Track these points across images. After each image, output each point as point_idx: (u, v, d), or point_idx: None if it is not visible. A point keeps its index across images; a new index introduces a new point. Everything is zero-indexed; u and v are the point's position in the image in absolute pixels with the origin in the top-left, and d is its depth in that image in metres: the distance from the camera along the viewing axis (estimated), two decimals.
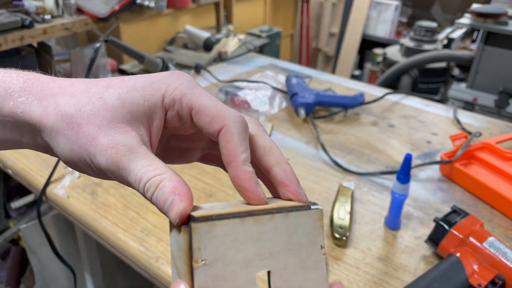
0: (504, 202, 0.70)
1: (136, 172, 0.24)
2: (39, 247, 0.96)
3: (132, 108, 0.26)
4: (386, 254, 0.62)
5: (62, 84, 0.27)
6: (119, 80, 0.27)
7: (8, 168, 0.82)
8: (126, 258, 0.63)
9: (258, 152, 0.28)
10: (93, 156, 0.25)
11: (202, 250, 0.21)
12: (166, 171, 0.24)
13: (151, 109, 0.26)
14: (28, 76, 0.27)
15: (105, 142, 0.25)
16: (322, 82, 1.24)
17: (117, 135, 0.25)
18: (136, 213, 0.69)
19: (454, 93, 2.09)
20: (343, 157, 0.86)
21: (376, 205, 0.72)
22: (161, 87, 0.26)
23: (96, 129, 0.25)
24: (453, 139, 0.82)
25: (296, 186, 0.27)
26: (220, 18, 2.37)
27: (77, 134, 0.25)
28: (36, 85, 0.27)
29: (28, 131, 0.27)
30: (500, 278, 0.52)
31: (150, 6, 1.79)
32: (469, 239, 0.57)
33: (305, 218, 0.25)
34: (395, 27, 3.12)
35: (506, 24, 1.88)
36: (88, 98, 0.26)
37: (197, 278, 0.21)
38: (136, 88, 0.26)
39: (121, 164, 0.25)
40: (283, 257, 0.23)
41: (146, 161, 0.25)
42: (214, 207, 0.24)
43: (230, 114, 0.25)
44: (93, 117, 0.25)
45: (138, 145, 0.25)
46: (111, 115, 0.25)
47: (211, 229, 0.22)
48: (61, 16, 1.62)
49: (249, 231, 0.23)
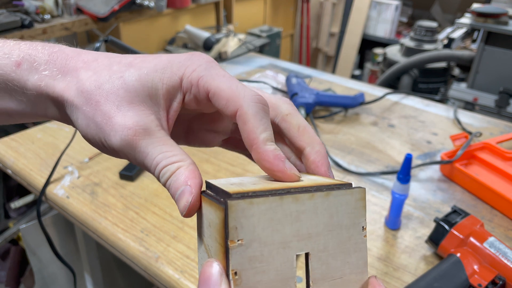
0: (504, 202, 0.70)
1: (154, 156, 0.24)
2: (39, 247, 0.96)
3: (152, 91, 0.26)
4: (386, 254, 0.62)
5: (86, 58, 0.27)
6: (141, 59, 0.27)
7: (8, 168, 0.82)
8: (126, 258, 0.63)
9: (292, 132, 0.27)
10: (107, 135, 0.25)
11: (238, 229, 0.20)
12: (184, 159, 0.24)
13: (169, 92, 0.26)
14: (53, 49, 0.27)
15: (122, 123, 0.25)
16: (322, 82, 1.24)
17: (135, 117, 0.25)
18: (136, 213, 0.68)
19: (454, 93, 2.08)
20: (343, 157, 0.86)
21: (376, 205, 0.72)
22: (180, 70, 0.26)
23: (114, 109, 0.25)
24: (454, 139, 0.82)
25: (326, 168, 0.27)
26: (220, 18, 2.37)
27: (95, 111, 0.25)
28: (61, 58, 0.27)
29: (52, 104, 0.27)
30: (501, 278, 0.52)
31: (150, 6, 1.78)
32: (469, 239, 0.57)
33: (347, 198, 0.23)
34: (395, 27, 3.12)
35: (507, 24, 1.88)
36: (109, 76, 0.26)
37: (233, 258, 0.20)
38: (156, 70, 0.26)
39: (138, 146, 0.24)
40: (322, 239, 0.22)
41: (164, 147, 0.25)
42: (243, 182, 0.23)
43: (245, 94, 0.24)
44: (111, 96, 0.25)
45: (157, 129, 0.25)
46: (130, 97, 0.25)
47: (248, 207, 0.20)
48: (61, 16, 1.62)
49: (287, 210, 0.21)
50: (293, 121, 0.28)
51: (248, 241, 0.20)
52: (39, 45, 0.27)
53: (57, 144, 0.87)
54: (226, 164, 0.82)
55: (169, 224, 0.66)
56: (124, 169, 0.77)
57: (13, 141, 0.88)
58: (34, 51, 0.27)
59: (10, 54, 0.27)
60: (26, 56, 0.27)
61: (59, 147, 0.85)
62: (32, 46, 0.27)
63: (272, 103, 0.28)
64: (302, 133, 0.27)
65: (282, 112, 0.28)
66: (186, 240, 0.63)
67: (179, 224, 0.67)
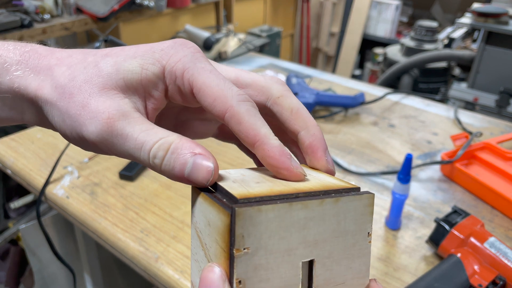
0: (504, 202, 0.70)
1: (135, 136, 0.22)
2: (38, 247, 0.96)
3: (127, 75, 0.23)
4: (386, 254, 0.62)
5: (60, 55, 0.25)
6: (120, 49, 0.25)
7: (7, 168, 0.82)
8: (126, 258, 0.63)
9: (284, 115, 0.25)
10: (83, 126, 0.23)
11: (245, 238, 0.19)
12: (171, 134, 0.22)
13: (149, 79, 0.24)
14: (25, 48, 0.26)
15: (95, 108, 0.22)
16: (322, 82, 1.24)
17: (108, 101, 0.23)
18: (136, 213, 0.68)
19: (454, 93, 2.08)
20: (343, 157, 0.86)
21: (376, 205, 0.72)
22: (163, 58, 0.24)
23: (86, 97, 0.23)
24: (454, 139, 0.82)
25: (323, 152, 0.25)
26: (220, 18, 2.37)
27: (68, 104, 0.23)
28: (34, 58, 0.25)
29: (28, 107, 0.25)
30: (501, 278, 0.52)
31: (149, 5, 1.78)
32: (469, 240, 0.56)
33: (356, 204, 0.22)
34: (395, 27, 3.11)
35: (507, 24, 1.88)
36: (84, 67, 0.24)
37: (238, 267, 0.19)
38: (136, 56, 0.24)
39: (115, 129, 0.22)
40: (328, 245, 0.21)
41: (144, 126, 0.22)
42: (245, 179, 0.22)
43: (233, 93, 0.23)
44: (85, 86, 0.23)
45: (133, 111, 0.23)
46: (103, 81, 0.23)
47: (256, 215, 0.19)
48: (61, 15, 1.62)
49: (296, 217, 0.20)
50: (285, 104, 0.25)
51: (254, 249, 0.19)
52: (11, 45, 0.26)
53: (57, 144, 0.87)
54: (226, 164, 0.82)
55: (169, 224, 0.66)
56: (124, 169, 0.77)
57: (12, 141, 0.88)
58: (5, 51, 0.25)
59: None
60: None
61: (58, 147, 0.85)
62: (3, 46, 0.26)
63: (261, 85, 0.26)
64: (296, 116, 0.25)
65: (273, 95, 0.26)
66: (186, 240, 0.63)
67: (179, 224, 0.67)
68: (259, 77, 0.27)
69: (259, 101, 0.26)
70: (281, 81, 0.27)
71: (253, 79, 0.26)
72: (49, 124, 0.25)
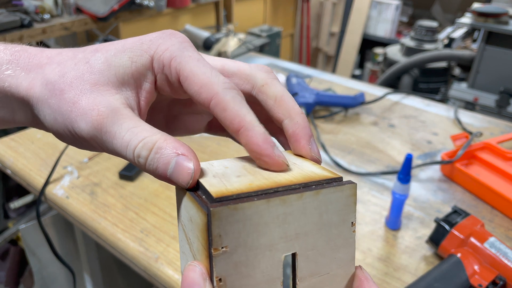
0: (504, 202, 0.70)
1: (122, 135, 0.22)
2: (38, 248, 0.96)
3: (118, 70, 0.24)
4: (386, 254, 0.62)
5: (50, 54, 0.25)
6: (109, 44, 0.25)
7: (7, 168, 0.82)
8: (126, 258, 0.63)
9: (269, 103, 0.25)
10: (74, 123, 0.23)
11: (222, 237, 0.19)
12: (156, 133, 0.22)
13: (139, 71, 0.24)
14: (15, 48, 0.26)
15: (85, 105, 0.22)
16: (322, 82, 1.24)
17: (98, 97, 0.23)
18: (136, 214, 0.68)
19: (454, 93, 2.08)
20: (343, 157, 0.86)
21: (376, 205, 0.72)
22: (151, 48, 0.24)
23: (78, 94, 0.23)
24: (454, 139, 0.82)
25: (306, 141, 0.25)
26: (220, 18, 2.37)
27: (59, 102, 0.23)
28: (24, 57, 0.25)
29: (19, 106, 0.25)
30: (501, 278, 0.52)
31: (149, 5, 1.78)
32: (469, 240, 0.56)
33: (338, 195, 0.21)
34: (395, 27, 3.11)
35: (507, 24, 1.88)
36: (74, 64, 0.24)
37: (217, 266, 0.19)
38: (125, 49, 0.24)
39: (103, 126, 0.22)
40: (311, 238, 0.21)
41: (132, 123, 0.22)
42: (226, 173, 0.22)
43: (219, 81, 0.23)
44: (76, 82, 0.23)
45: (123, 107, 0.23)
46: (95, 78, 0.23)
47: (233, 213, 0.19)
48: (60, 15, 1.62)
49: (274, 213, 0.20)
50: (269, 92, 0.25)
51: (233, 248, 0.19)
52: (1, 46, 0.26)
53: (57, 144, 0.87)
54: None
55: (168, 224, 0.66)
56: (124, 169, 0.77)
57: (12, 141, 0.88)
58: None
59: None
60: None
61: (58, 147, 0.85)
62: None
63: (246, 74, 0.26)
64: (279, 104, 0.25)
65: (258, 83, 0.25)
66: None
67: None
68: (244, 65, 0.26)
69: (245, 89, 0.26)
70: (266, 68, 0.26)
71: (239, 67, 0.26)
72: (41, 123, 0.25)
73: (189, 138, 0.90)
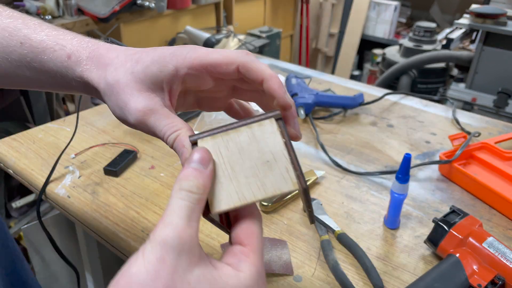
0: (503, 202, 0.70)
1: (160, 128, 0.35)
2: (41, 247, 0.97)
3: (153, 79, 0.36)
4: (385, 253, 0.62)
5: (112, 55, 0.38)
6: (145, 54, 0.37)
7: (9, 168, 0.82)
8: (127, 258, 0.64)
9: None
10: (127, 116, 0.36)
11: None
12: (181, 127, 0.35)
13: (167, 78, 0.36)
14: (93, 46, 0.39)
15: (134, 107, 0.35)
16: (322, 82, 1.24)
17: (144, 101, 0.35)
18: (137, 213, 0.69)
19: (453, 93, 2.09)
20: (342, 157, 0.86)
21: (375, 204, 0.72)
22: (173, 59, 0.36)
23: (128, 97, 0.35)
24: (452, 139, 0.83)
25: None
26: (220, 19, 2.37)
27: (117, 100, 0.36)
28: (97, 56, 0.38)
29: (92, 90, 0.39)
30: (500, 278, 0.52)
31: (150, 6, 1.79)
32: (468, 240, 0.57)
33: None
34: (394, 28, 3.12)
35: (505, 25, 1.89)
36: (124, 72, 0.36)
37: None
38: (153, 62, 0.36)
39: (148, 123, 0.35)
40: None
41: (167, 121, 0.35)
42: None
43: (237, 54, 0.35)
44: (126, 88, 0.36)
45: (161, 108, 0.35)
46: (139, 86, 0.35)
47: None
48: (62, 16, 1.63)
49: None
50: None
51: None
52: (84, 43, 0.39)
53: (58, 143, 0.87)
54: None
55: None
56: (108, 165, 0.78)
57: (14, 141, 0.88)
58: (80, 48, 0.39)
59: (65, 47, 0.39)
60: (75, 51, 0.39)
61: (60, 146, 0.86)
62: (80, 43, 0.39)
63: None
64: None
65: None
66: None
67: None
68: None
69: None
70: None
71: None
72: (105, 102, 0.38)
73: None
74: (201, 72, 0.36)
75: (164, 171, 0.80)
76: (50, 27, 0.41)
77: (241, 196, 0.32)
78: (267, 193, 0.32)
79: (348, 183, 0.78)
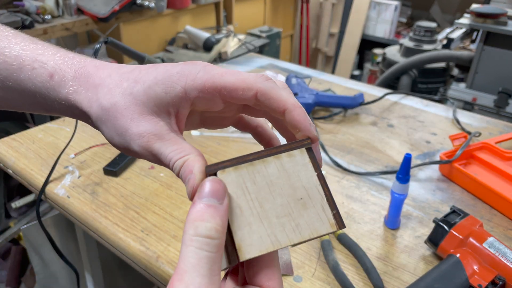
0: (503, 202, 0.70)
1: (166, 154, 0.30)
2: (40, 247, 0.97)
3: (157, 101, 0.30)
4: (385, 253, 0.62)
5: (103, 74, 0.32)
6: (144, 73, 0.31)
7: (8, 168, 0.82)
8: (127, 257, 0.64)
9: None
10: (128, 143, 0.30)
11: None
12: (190, 153, 0.30)
13: (174, 100, 0.30)
14: (79, 65, 0.33)
15: (136, 132, 0.30)
16: (322, 82, 1.24)
17: (147, 126, 0.30)
18: (137, 213, 0.69)
19: (453, 93, 2.09)
20: (342, 157, 0.86)
21: (375, 204, 0.72)
22: (181, 80, 0.30)
23: (129, 121, 0.30)
24: (453, 139, 0.83)
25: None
26: (220, 19, 2.37)
27: (115, 126, 0.31)
28: (84, 76, 0.32)
29: (79, 114, 0.33)
30: (500, 278, 0.52)
31: (150, 6, 1.79)
32: (468, 240, 0.57)
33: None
34: (394, 27, 3.12)
35: (506, 24, 1.89)
36: (121, 94, 0.31)
37: None
38: (157, 82, 0.30)
39: (153, 149, 0.30)
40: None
41: (174, 146, 0.30)
42: None
43: (256, 79, 0.30)
44: (125, 111, 0.30)
45: (167, 132, 0.31)
46: (140, 109, 0.30)
47: None
48: (62, 16, 1.62)
49: None
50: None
51: None
52: (69, 60, 0.33)
53: (58, 144, 0.87)
54: None
55: (169, 224, 0.67)
56: (108, 165, 0.78)
57: (14, 141, 0.88)
58: (64, 66, 0.33)
59: (46, 65, 0.33)
60: (58, 70, 0.32)
61: (59, 147, 0.86)
62: (64, 60, 0.33)
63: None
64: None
65: None
66: None
67: (179, 224, 0.67)
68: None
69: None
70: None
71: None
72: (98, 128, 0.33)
73: (190, 139, 0.91)
74: (214, 95, 0.30)
75: (164, 171, 0.79)
76: (27, 39, 0.35)
77: (273, 239, 0.27)
78: (303, 236, 0.28)
79: (348, 183, 0.78)
